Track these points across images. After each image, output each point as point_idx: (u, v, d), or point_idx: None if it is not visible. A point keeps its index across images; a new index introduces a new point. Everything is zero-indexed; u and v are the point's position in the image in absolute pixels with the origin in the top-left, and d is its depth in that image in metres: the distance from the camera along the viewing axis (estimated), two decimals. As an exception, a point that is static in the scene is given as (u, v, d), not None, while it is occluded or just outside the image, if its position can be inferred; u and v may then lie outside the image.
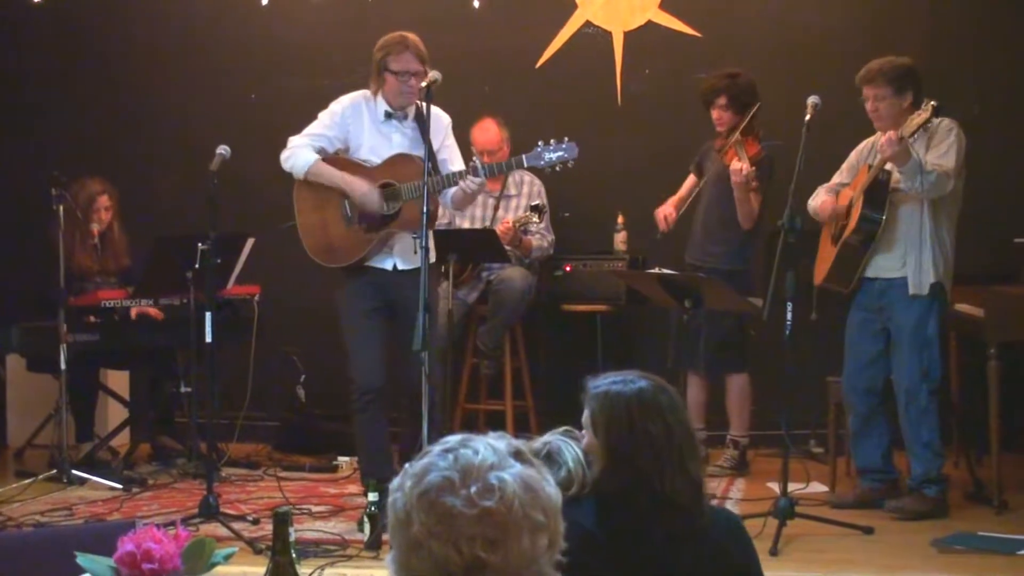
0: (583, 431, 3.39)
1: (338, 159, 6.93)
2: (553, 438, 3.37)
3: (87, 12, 9.47)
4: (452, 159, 6.84)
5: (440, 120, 6.88)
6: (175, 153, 9.35)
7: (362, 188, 6.76)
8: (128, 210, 8.60)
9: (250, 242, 8.06)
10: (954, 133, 6.74)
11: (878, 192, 6.79)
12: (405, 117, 6.85)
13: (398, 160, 6.72)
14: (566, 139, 6.53)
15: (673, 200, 8.09)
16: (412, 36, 6.78)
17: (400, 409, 6.99)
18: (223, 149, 6.82)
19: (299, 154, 6.92)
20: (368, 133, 6.88)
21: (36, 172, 8.40)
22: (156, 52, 9.58)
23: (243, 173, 8.28)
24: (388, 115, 6.79)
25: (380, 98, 6.79)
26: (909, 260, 6.78)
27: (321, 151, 6.92)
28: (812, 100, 6.60)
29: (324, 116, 7.00)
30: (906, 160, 6.54)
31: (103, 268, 8.34)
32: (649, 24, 9.00)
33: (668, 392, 3.35)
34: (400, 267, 6.85)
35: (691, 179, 8.14)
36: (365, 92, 6.88)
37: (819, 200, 7.07)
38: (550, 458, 3.30)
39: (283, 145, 9.22)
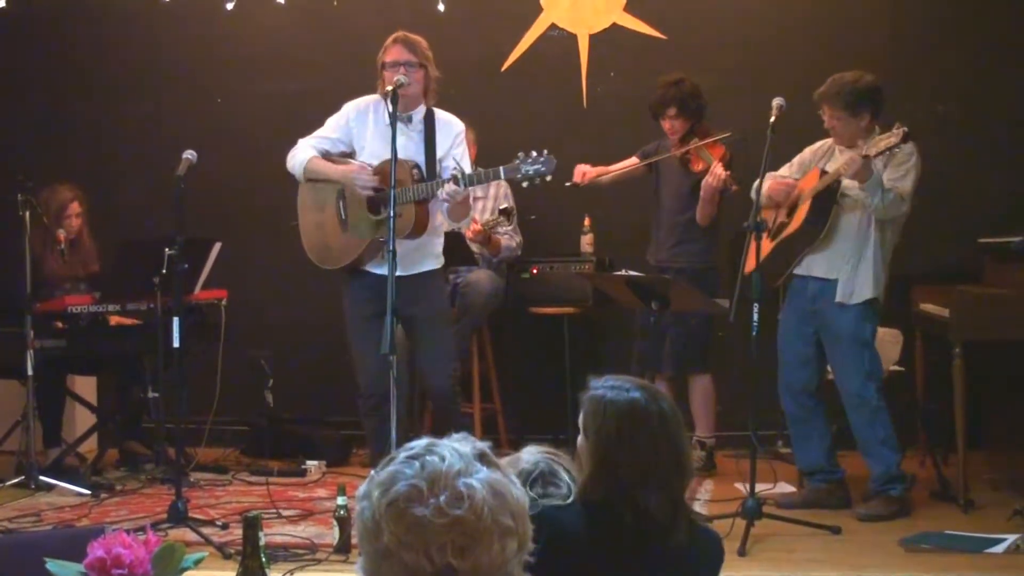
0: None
1: (337, 160, 7.06)
2: (540, 458, 3.35)
3: (52, 17, 9.45)
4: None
5: (451, 126, 7.01)
6: (142, 158, 9.33)
7: (352, 168, 6.89)
8: (95, 215, 8.57)
9: (217, 246, 8.06)
10: (914, 159, 6.76)
11: (827, 199, 6.82)
12: (410, 120, 6.91)
13: (389, 165, 6.60)
14: (545, 152, 6.54)
15: (600, 168, 8.09)
16: (408, 33, 6.90)
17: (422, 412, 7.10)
18: (190, 154, 6.81)
19: (299, 154, 7.07)
20: (372, 137, 6.94)
21: (2, 179, 8.36)
22: (122, 57, 9.56)
23: (210, 177, 8.26)
24: (395, 116, 6.65)
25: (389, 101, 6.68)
26: (845, 268, 6.82)
27: (325, 153, 7.05)
28: (777, 101, 6.63)
29: (331, 120, 7.13)
30: (867, 176, 6.57)
31: (72, 274, 8.31)
32: (614, 27, 9.02)
33: (661, 405, 3.30)
34: (400, 273, 6.87)
35: (632, 160, 8.14)
36: (377, 96, 6.91)
37: (769, 182, 7.05)
38: (545, 479, 3.30)
39: (249, 148, 9.29)
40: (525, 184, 6.66)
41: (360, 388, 6.96)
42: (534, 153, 6.54)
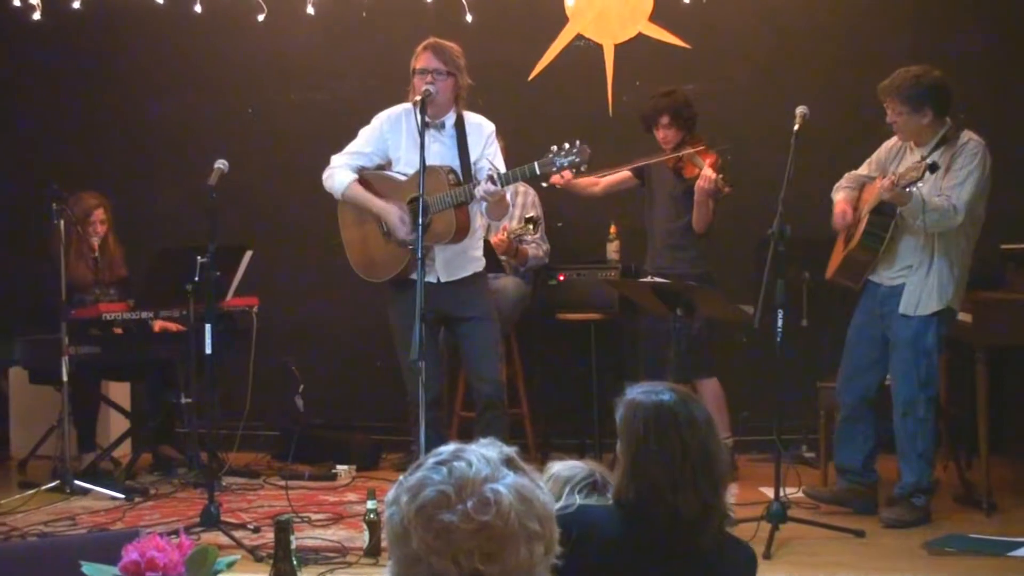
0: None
1: (372, 175, 6.99)
2: (595, 468, 3.39)
3: (87, 29, 9.48)
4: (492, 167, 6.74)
5: (482, 128, 6.93)
6: (174, 166, 9.37)
7: (393, 219, 6.82)
8: (128, 223, 8.62)
9: (248, 254, 8.08)
10: (977, 159, 6.63)
11: (886, 211, 6.75)
12: (442, 126, 6.86)
13: (425, 173, 6.46)
14: (577, 142, 6.51)
15: (591, 179, 8.11)
16: (442, 40, 6.83)
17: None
18: (221, 163, 6.83)
19: (336, 176, 6.97)
20: (406, 146, 6.88)
21: (36, 186, 8.40)
22: (155, 67, 9.59)
23: (241, 186, 8.28)
24: (426, 125, 6.51)
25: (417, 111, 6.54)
26: (912, 279, 6.74)
27: (360, 169, 6.99)
28: (800, 110, 6.62)
29: (364, 132, 7.06)
30: (906, 201, 6.49)
31: (99, 280, 8.34)
32: (639, 36, 9.01)
33: (690, 407, 3.30)
34: (443, 279, 6.86)
35: (624, 174, 8.18)
36: (408, 105, 6.78)
37: (836, 198, 7.02)
38: (597, 487, 3.34)
39: (280, 158, 9.31)
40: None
41: (409, 395, 6.74)
42: (567, 145, 6.50)
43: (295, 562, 3.05)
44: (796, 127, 6.54)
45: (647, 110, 7.98)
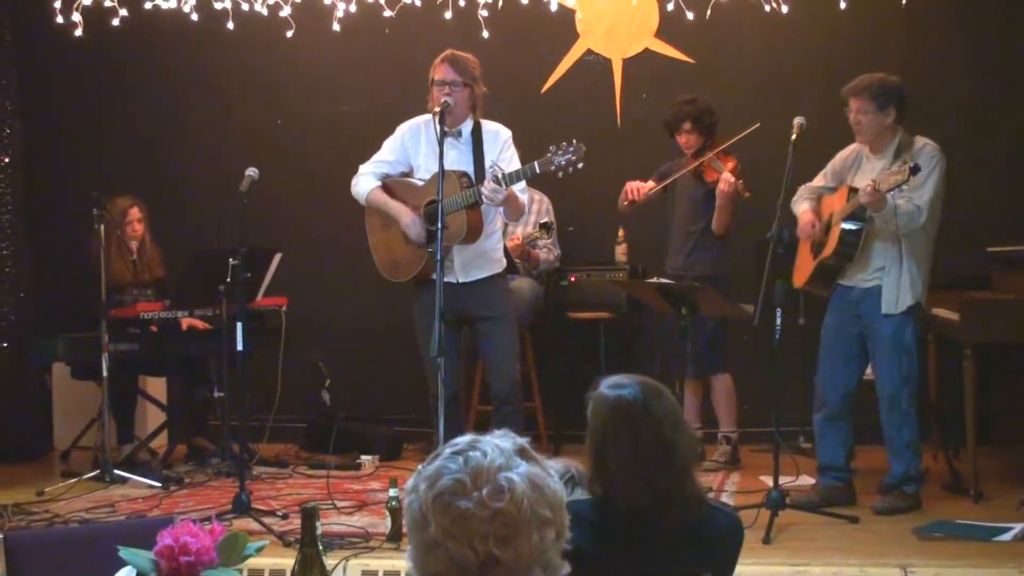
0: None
1: (393, 182, 7.01)
2: (572, 465, 3.37)
3: (125, 45, 9.49)
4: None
5: (498, 135, 6.92)
6: (208, 174, 9.39)
7: (406, 219, 6.83)
8: (164, 228, 8.64)
9: (277, 257, 8.08)
10: (935, 162, 6.62)
11: (858, 219, 6.72)
12: (459, 134, 6.84)
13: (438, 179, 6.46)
14: (574, 141, 6.49)
15: (646, 188, 8.09)
16: (459, 52, 6.84)
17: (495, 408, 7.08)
18: (252, 171, 6.83)
19: (361, 183, 7.01)
20: (424, 153, 6.90)
21: (78, 192, 8.43)
22: (190, 81, 9.63)
23: (271, 192, 8.29)
24: (444, 133, 6.46)
25: (437, 121, 6.53)
26: (887, 280, 6.71)
27: (385, 177, 7.00)
28: (798, 120, 6.60)
29: (387, 142, 7.08)
30: (882, 208, 6.48)
31: (138, 280, 8.36)
32: (646, 52, 9.03)
33: (648, 401, 3.26)
34: (462, 280, 6.85)
35: (651, 184, 8.14)
36: (428, 116, 6.82)
37: (799, 209, 7.00)
38: (574, 482, 3.32)
39: (307, 166, 9.34)
40: (560, 175, 6.58)
41: (431, 390, 6.64)
42: (564, 144, 6.50)
43: (320, 547, 3.04)
44: (794, 137, 6.53)
45: (670, 116, 7.99)
